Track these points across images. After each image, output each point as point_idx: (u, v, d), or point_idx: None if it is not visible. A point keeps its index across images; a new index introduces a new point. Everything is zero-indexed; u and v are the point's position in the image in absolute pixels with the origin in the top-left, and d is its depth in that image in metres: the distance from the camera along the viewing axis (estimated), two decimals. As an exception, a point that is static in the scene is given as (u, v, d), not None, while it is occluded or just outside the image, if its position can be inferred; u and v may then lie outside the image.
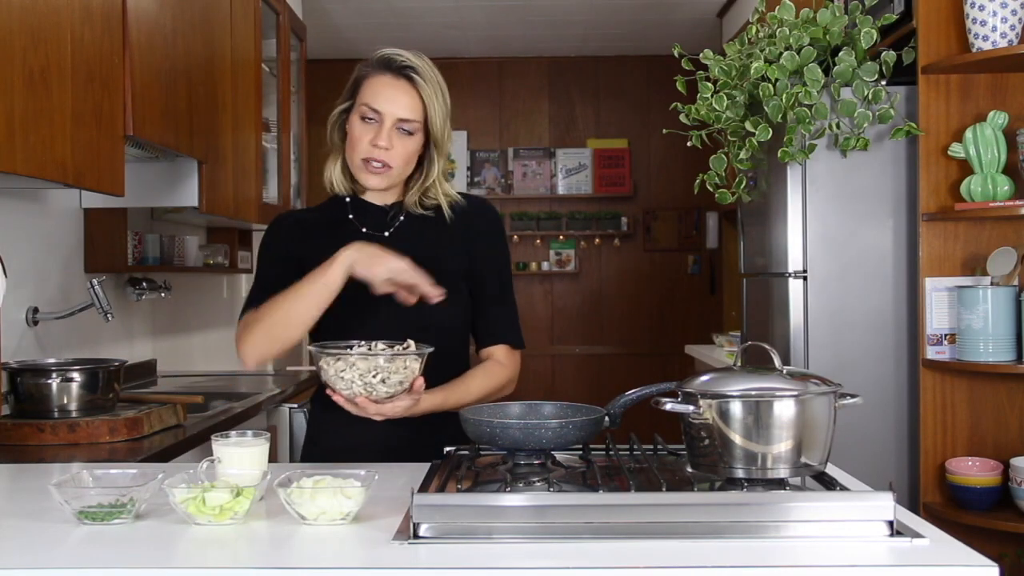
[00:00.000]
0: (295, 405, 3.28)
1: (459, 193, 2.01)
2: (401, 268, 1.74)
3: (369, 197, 1.98)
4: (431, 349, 1.67)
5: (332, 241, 1.93)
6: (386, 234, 1.95)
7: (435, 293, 1.77)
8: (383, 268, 1.74)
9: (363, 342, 1.68)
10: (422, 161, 1.94)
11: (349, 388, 1.62)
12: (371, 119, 1.86)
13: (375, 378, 1.61)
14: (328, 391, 1.67)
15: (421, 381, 1.67)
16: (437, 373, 1.84)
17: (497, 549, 1.25)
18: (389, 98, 1.86)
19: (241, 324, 1.88)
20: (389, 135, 1.85)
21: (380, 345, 1.66)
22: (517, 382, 2.03)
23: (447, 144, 1.93)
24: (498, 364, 1.97)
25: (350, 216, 1.97)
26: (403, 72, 1.87)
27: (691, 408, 1.42)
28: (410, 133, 1.88)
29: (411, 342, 1.66)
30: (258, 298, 1.89)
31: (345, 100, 1.93)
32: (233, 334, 1.92)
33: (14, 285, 2.51)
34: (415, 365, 1.65)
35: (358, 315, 1.88)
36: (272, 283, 1.90)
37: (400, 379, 1.63)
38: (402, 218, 1.96)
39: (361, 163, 1.87)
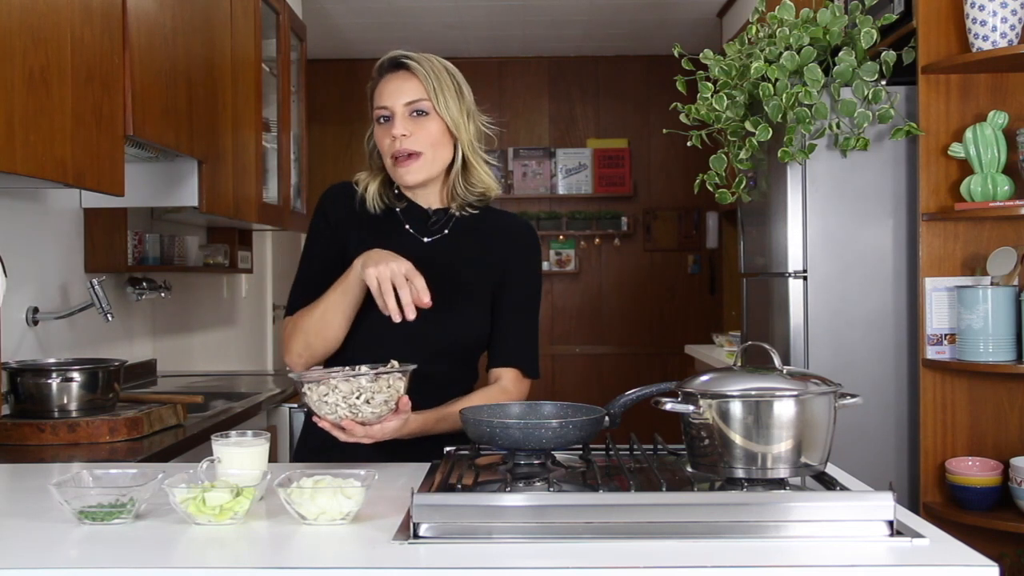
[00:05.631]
0: (295, 405, 3.28)
1: (503, 212, 2.00)
2: (399, 272, 1.69)
3: (414, 199, 1.95)
4: (414, 367, 1.64)
5: (376, 228, 1.92)
6: (425, 240, 1.93)
7: (426, 300, 1.70)
8: (385, 266, 1.69)
9: (347, 367, 1.65)
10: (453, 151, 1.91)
11: (334, 412, 1.59)
12: (384, 117, 1.87)
13: (359, 399, 1.58)
14: (314, 418, 1.63)
15: (407, 400, 1.63)
16: (441, 393, 1.84)
17: (497, 549, 1.25)
18: (391, 90, 1.87)
19: (287, 330, 1.91)
20: (403, 122, 1.85)
21: (363, 368, 1.62)
22: None
23: (470, 123, 1.90)
24: (502, 390, 1.91)
25: (397, 211, 1.94)
26: (397, 64, 1.88)
27: (691, 408, 1.42)
28: (424, 113, 1.86)
29: (394, 362, 1.63)
30: (298, 281, 1.93)
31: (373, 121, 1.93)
32: (233, 334, 1.92)
33: (14, 285, 2.51)
34: (399, 384, 1.61)
35: (378, 334, 1.86)
36: (311, 260, 1.94)
37: (385, 398, 1.59)
38: (446, 231, 1.94)
39: (391, 163, 1.87)
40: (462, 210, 1.94)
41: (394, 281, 1.68)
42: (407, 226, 1.93)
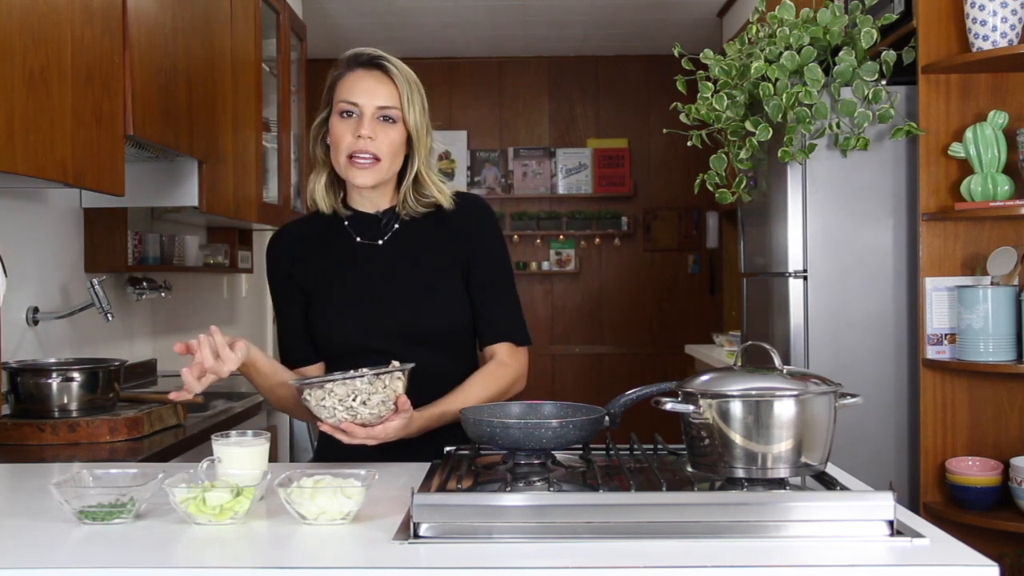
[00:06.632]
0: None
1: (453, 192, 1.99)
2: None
3: (360, 206, 1.95)
4: (412, 365, 1.64)
5: (328, 253, 1.94)
6: (380, 242, 1.93)
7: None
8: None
9: (349, 371, 1.65)
10: (407, 160, 1.91)
11: (333, 415, 1.60)
12: (350, 113, 1.85)
13: (355, 401, 1.58)
14: (318, 423, 1.65)
15: (405, 399, 1.63)
16: (441, 387, 1.84)
17: (497, 549, 1.25)
18: (365, 89, 1.84)
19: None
20: (371, 125, 1.83)
21: (363, 370, 1.62)
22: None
23: (428, 138, 1.90)
24: (500, 365, 1.92)
25: (345, 224, 1.95)
26: (374, 63, 1.87)
27: (691, 408, 1.42)
28: (392, 121, 1.85)
29: (395, 363, 1.64)
30: (282, 331, 1.99)
31: (323, 109, 1.91)
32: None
33: (14, 285, 2.51)
34: (397, 384, 1.61)
35: (364, 333, 1.88)
36: (285, 311, 1.98)
37: (381, 399, 1.60)
38: (396, 226, 1.94)
39: (347, 161, 1.84)
40: (410, 216, 1.94)
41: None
42: (357, 238, 1.94)
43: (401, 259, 1.92)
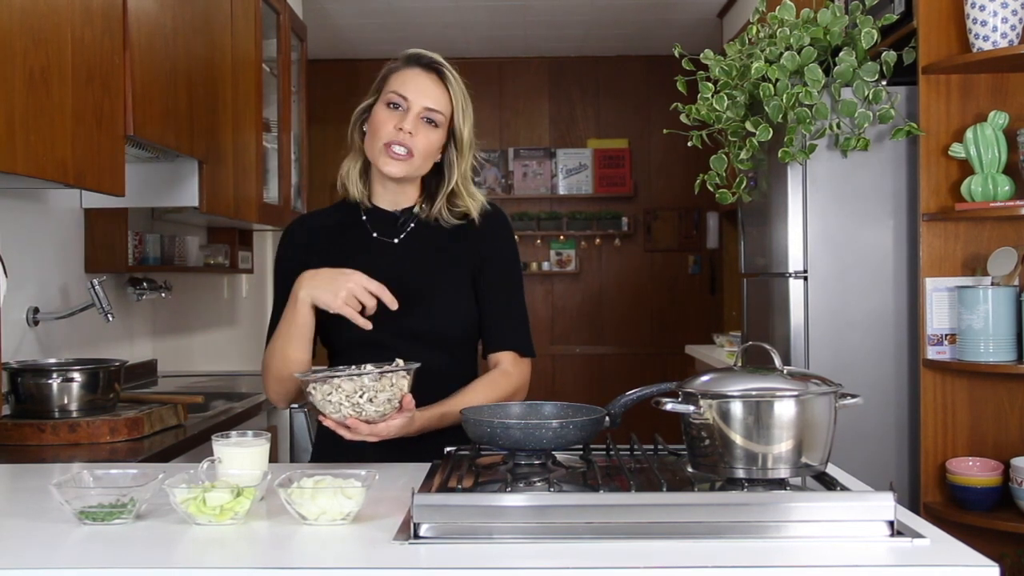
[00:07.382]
0: (295, 405, 3.27)
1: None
2: (359, 285, 1.73)
3: (381, 202, 1.96)
4: (418, 365, 1.65)
5: (342, 246, 1.94)
6: (395, 240, 1.94)
7: (392, 301, 1.75)
8: (343, 291, 1.73)
9: (352, 366, 1.65)
10: (442, 167, 1.93)
11: (338, 411, 1.60)
12: (397, 105, 1.86)
13: (362, 398, 1.59)
14: (320, 417, 1.64)
15: (410, 398, 1.64)
16: (440, 386, 1.84)
17: (497, 549, 1.25)
18: (418, 87, 1.87)
19: (263, 364, 1.92)
20: (415, 122, 1.85)
21: (368, 367, 1.63)
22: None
23: (470, 156, 1.92)
24: (503, 373, 1.92)
25: (363, 218, 1.96)
26: (433, 67, 1.89)
27: (691, 408, 1.42)
28: (435, 125, 1.87)
29: (399, 361, 1.64)
30: (275, 317, 1.92)
31: (371, 96, 1.92)
32: (233, 334, 1.93)
33: (15, 285, 2.51)
34: (403, 382, 1.62)
35: (369, 332, 1.88)
36: (285, 299, 1.93)
37: (388, 397, 1.60)
38: (413, 226, 1.95)
39: (382, 147, 1.85)
40: (434, 220, 1.95)
41: (359, 299, 1.73)
42: (374, 234, 1.94)
43: (414, 259, 1.92)
